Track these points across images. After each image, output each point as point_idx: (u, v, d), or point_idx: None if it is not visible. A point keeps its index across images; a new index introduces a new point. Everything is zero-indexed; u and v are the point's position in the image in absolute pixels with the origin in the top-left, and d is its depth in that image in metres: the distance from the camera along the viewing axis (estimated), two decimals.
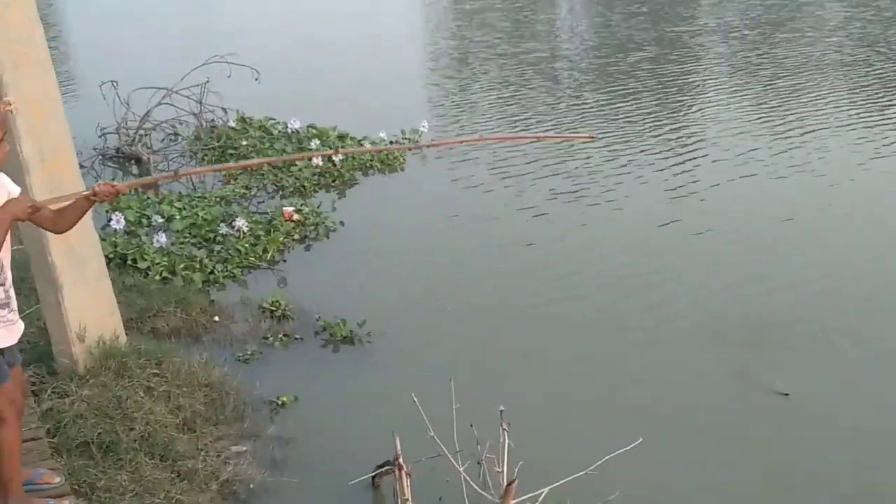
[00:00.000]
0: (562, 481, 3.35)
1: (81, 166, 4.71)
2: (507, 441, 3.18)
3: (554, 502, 3.61)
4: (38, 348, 4.44)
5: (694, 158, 8.35)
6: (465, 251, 6.44)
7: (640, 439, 3.42)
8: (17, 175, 3.86)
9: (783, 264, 6.15)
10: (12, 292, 3.13)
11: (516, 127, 9.37)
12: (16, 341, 3.18)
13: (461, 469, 3.33)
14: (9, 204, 2.95)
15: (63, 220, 3.18)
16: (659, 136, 9.17)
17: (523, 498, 3.32)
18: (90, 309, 4.21)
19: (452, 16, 17.02)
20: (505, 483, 3.06)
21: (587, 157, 8.35)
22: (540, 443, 3.91)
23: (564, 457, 3.82)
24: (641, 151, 8.57)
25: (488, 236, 6.68)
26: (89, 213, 4.30)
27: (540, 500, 3.35)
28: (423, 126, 8.63)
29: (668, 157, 8.40)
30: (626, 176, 7.87)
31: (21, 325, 3.22)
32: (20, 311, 4.86)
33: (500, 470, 3.11)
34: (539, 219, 7.00)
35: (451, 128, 9.35)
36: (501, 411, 3.27)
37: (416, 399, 3.46)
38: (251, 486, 3.94)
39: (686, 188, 7.58)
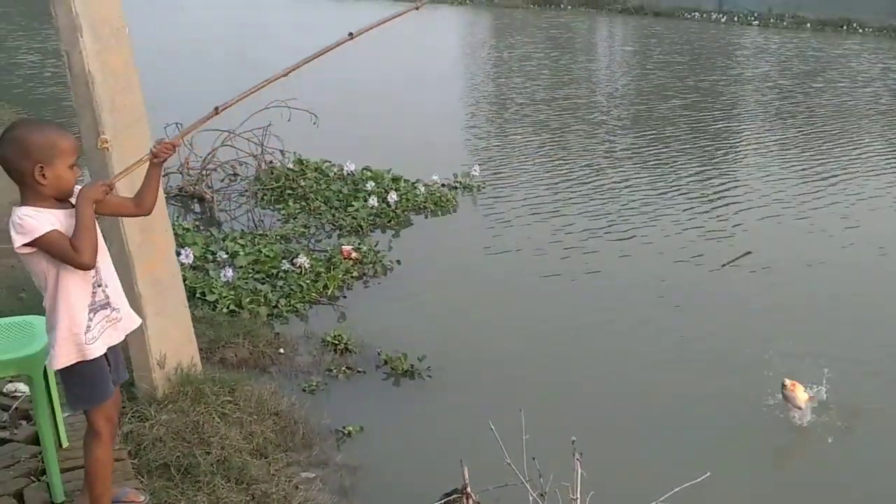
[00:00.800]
0: None
1: None
2: (580, 470, 3.28)
3: None
4: None
5: (726, 200, 8.64)
6: (516, 286, 6.66)
7: (708, 473, 3.50)
8: None
9: (815, 303, 6.46)
10: (110, 291, 3.23)
11: (555, 165, 9.59)
12: (122, 339, 3.30)
13: (534, 495, 3.43)
14: (83, 190, 3.07)
15: (144, 198, 3.29)
16: (693, 179, 9.39)
17: None
18: (170, 337, 4.40)
19: (492, 65, 17.36)
20: None
21: (622, 199, 8.64)
22: (606, 474, 3.99)
23: (631, 488, 3.93)
24: (676, 194, 8.82)
25: (537, 271, 6.93)
26: (172, 245, 4.53)
27: None
28: (475, 170, 8.86)
29: (701, 199, 8.68)
30: (661, 217, 8.18)
31: (131, 322, 3.33)
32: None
33: (574, 497, 3.21)
34: (585, 255, 7.29)
35: (498, 170, 9.58)
36: (574, 441, 3.37)
37: (492, 427, 3.57)
38: None
39: (718, 229, 7.93)
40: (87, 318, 3.13)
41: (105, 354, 3.22)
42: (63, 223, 3.04)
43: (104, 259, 3.22)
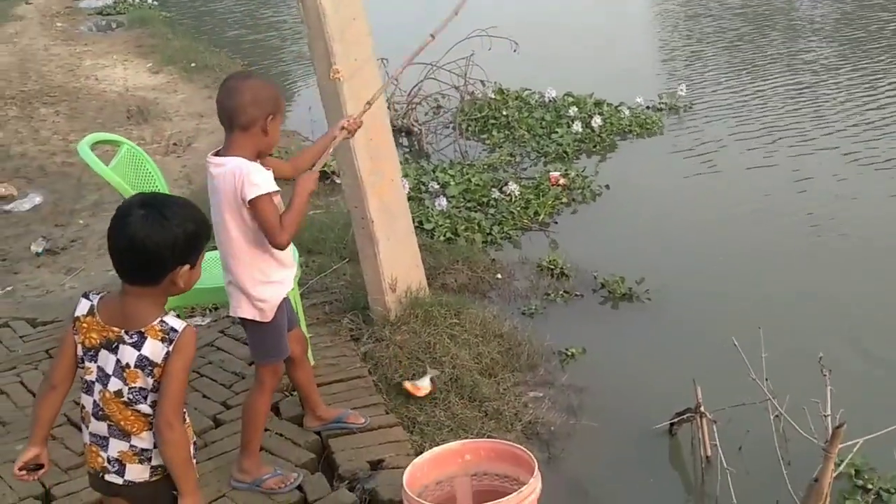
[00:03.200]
0: (881, 432, 3.28)
1: None
2: (829, 387, 3.18)
3: (862, 458, 3.59)
4: (352, 299, 4.88)
5: None
6: (729, 206, 6.44)
7: None
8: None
9: None
10: None
11: (760, 77, 9.08)
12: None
13: (780, 410, 3.36)
14: (305, 178, 3.28)
15: (303, 159, 3.52)
16: None
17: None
18: (400, 262, 4.58)
19: None
20: (832, 427, 3.06)
21: (836, 113, 8.19)
22: (849, 393, 3.83)
23: (879, 408, 3.77)
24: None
25: (750, 191, 6.66)
26: (399, 173, 4.67)
27: (855, 449, 3.32)
28: (682, 90, 8.57)
29: None
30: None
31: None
32: (327, 268, 5.39)
33: (826, 414, 3.11)
34: (799, 171, 6.96)
35: (703, 88, 9.20)
36: (821, 358, 3.27)
37: (735, 342, 3.51)
38: (552, 428, 4.15)
39: None
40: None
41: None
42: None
43: None
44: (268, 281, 3.27)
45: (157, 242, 2.32)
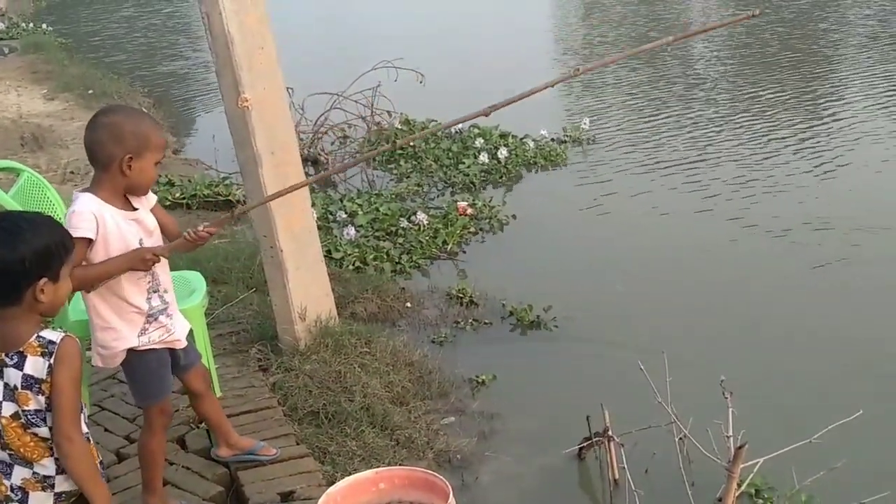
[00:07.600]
0: (780, 451, 3.40)
1: None
2: (731, 408, 3.28)
3: (761, 478, 3.72)
4: (260, 329, 4.81)
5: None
6: (632, 235, 6.62)
7: (861, 411, 3.45)
8: (253, 167, 4.24)
9: None
10: (168, 297, 3.26)
11: (659, 110, 9.42)
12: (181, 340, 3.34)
13: (686, 432, 3.45)
14: (142, 250, 3.05)
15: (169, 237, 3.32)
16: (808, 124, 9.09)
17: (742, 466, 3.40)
18: (309, 291, 4.55)
19: (583, 13, 17.10)
20: (734, 448, 3.16)
21: (729, 147, 8.50)
22: (751, 415, 3.96)
23: (779, 428, 3.91)
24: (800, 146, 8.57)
25: (652, 219, 6.91)
26: (308, 202, 4.66)
27: (756, 468, 3.43)
28: (585, 123, 8.79)
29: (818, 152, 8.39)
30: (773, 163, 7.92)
31: (183, 326, 3.37)
32: (233, 298, 5.30)
33: (728, 435, 3.21)
34: (698, 196, 7.23)
35: (605, 121, 9.47)
36: (722, 381, 3.37)
37: (641, 366, 3.59)
38: (462, 455, 4.16)
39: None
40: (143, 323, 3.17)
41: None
42: (118, 224, 3.03)
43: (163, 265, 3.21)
44: (107, 326, 3.11)
45: (6, 259, 2.30)
